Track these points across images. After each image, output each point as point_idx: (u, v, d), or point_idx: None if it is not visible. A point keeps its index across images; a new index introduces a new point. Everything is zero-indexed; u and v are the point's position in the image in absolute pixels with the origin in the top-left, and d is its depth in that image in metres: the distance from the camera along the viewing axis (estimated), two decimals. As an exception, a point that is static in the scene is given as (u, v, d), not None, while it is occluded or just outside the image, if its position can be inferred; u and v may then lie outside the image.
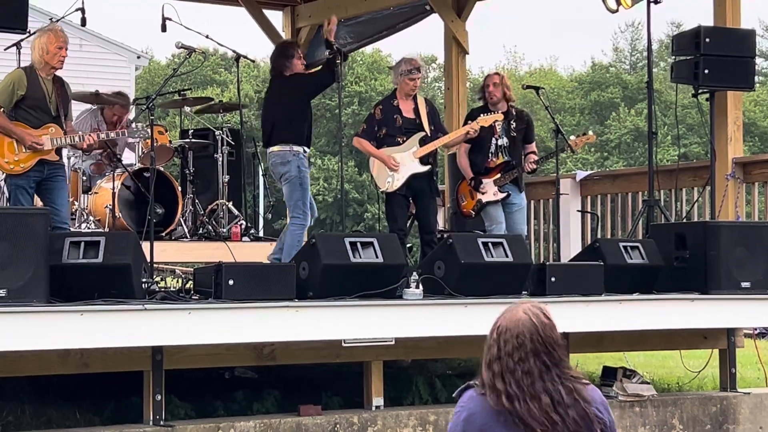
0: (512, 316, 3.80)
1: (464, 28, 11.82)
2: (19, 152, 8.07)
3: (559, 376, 3.74)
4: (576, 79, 53.14)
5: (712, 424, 8.13)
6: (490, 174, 9.29)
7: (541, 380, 3.72)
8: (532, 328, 3.76)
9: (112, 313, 6.25)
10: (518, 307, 3.83)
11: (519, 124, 9.42)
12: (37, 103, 8.15)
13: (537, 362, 3.73)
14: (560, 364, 3.76)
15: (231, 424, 6.77)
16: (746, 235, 8.14)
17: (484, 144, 9.30)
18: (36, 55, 8.13)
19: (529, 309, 3.81)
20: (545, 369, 3.73)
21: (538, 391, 3.71)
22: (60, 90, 8.26)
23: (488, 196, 9.26)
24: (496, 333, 3.80)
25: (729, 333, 8.46)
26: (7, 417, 6.79)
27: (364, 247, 7.13)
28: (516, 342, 3.75)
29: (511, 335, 3.76)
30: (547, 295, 7.51)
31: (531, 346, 3.74)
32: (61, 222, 8.34)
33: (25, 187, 8.12)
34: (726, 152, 9.33)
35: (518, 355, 3.74)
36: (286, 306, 6.72)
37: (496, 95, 9.33)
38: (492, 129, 9.30)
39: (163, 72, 43.64)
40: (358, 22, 12.73)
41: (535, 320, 3.77)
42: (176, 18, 9.85)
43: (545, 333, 3.76)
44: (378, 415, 7.17)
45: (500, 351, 3.76)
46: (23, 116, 8.12)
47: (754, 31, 9.51)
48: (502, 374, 3.73)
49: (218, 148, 10.45)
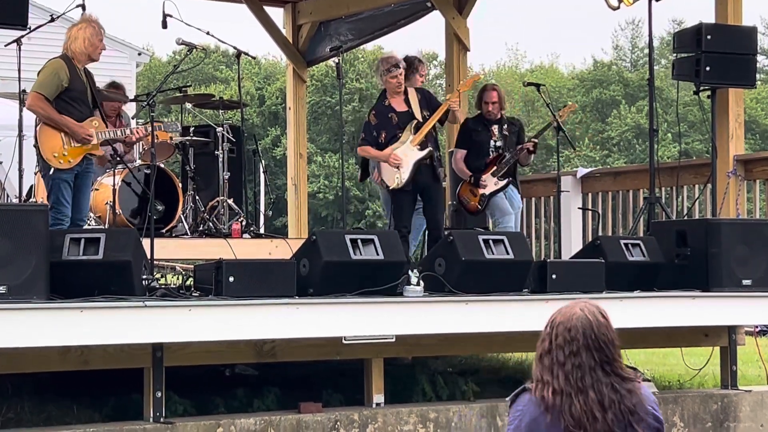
0: (568, 312, 3.78)
1: (465, 25, 11.80)
2: (68, 146, 8.04)
3: (610, 374, 3.73)
4: (577, 76, 53.14)
5: (713, 422, 8.12)
6: (486, 169, 9.55)
7: (590, 376, 3.71)
8: (586, 323, 3.74)
9: (113, 309, 6.24)
10: (575, 304, 3.82)
11: (512, 128, 9.87)
12: (79, 95, 8.10)
13: (588, 358, 3.71)
14: (613, 362, 3.75)
15: (231, 422, 6.77)
16: (747, 233, 8.13)
17: (482, 147, 9.70)
18: (79, 46, 8.08)
19: (585, 306, 3.80)
20: (596, 365, 3.71)
21: (586, 386, 3.69)
22: (92, 82, 8.25)
23: (490, 188, 9.61)
24: (550, 327, 3.78)
25: (730, 330, 8.45)
26: (6, 413, 6.79)
27: (364, 244, 7.12)
28: (568, 336, 3.73)
29: (564, 328, 3.74)
30: (547, 293, 7.51)
31: (583, 341, 3.72)
32: (82, 218, 8.29)
33: (69, 181, 8.05)
34: (727, 149, 9.32)
35: (569, 349, 3.72)
36: (286, 303, 6.72)
37: (495, 113, 9.66)
38: (489, 132, 9.73)
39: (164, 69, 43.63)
40: (359, 19, 12.72)
41: (590, 317, 3.76)
42: (177, 15, 9.83)
43: (599, 330, 3.75)
44: (379, 412, 7.16)
45: (551, 344, 3.75)
46: (66, 108, 8.03)
47: (755, 28, 9.50)
48: (551, 368, 3.72)
49: (219, 145, 10.43)
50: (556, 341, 3.75)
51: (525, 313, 7.39)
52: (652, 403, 3.79)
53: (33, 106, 7.98)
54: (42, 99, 7.95)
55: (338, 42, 12.23)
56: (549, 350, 3.75)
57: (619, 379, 3.74)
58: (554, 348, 3.74)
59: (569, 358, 3.72)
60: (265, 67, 49.13)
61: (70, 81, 8.03)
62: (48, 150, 7.96)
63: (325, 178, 42.17)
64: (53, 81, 7.98)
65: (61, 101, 8.03)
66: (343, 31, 12.81)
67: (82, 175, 8.17)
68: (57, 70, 8.00)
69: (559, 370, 3.71)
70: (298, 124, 13.31)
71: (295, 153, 13.27)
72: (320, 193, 42.28)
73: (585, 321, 3.75)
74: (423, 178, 8.93)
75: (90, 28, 8.16)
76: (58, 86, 7.99)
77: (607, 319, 3.79)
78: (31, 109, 8.02)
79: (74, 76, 8.07)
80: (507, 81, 54.18)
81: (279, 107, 43.22)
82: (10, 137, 9.02)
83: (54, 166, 7.96)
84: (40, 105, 7.95)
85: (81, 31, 8.11)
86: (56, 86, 7.99)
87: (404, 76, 9.16)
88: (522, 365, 9.38)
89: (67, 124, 7.98)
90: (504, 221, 9.58)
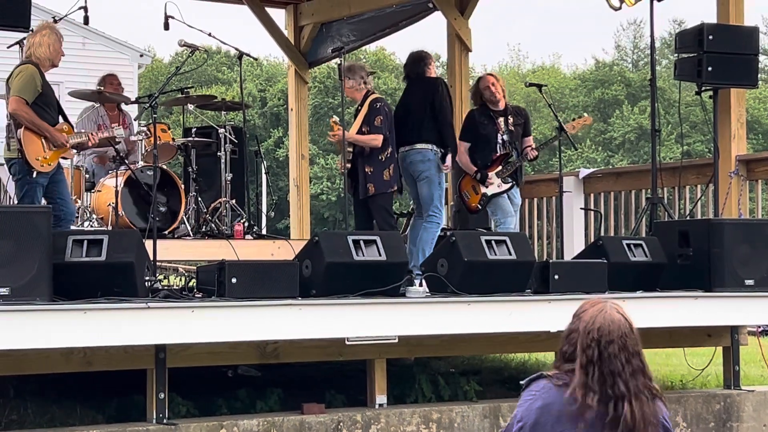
0: (611, 317, 3.76)
1: (467, 26, 11.81)
2: (47, 150, 8.11)
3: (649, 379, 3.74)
4: (579, 76, 53.15)
5: (715, 422, 8.12)
6: (492, 166, 9.47)
7: (642, 379, 3.71)
8: (629, 327, 3.76)
9: (116, 311, 6.25)
10: (606, 305, 3.79)
11: (517, 119, 9.69)
12: (50, 101, 8.21)
13: (638, 363, 3.72)
14: (645, 368, 3.76)
15: (234, 423, 6.77)
16: (750, 233, 8.13)
17: (489, 140, 9.53)
18: (44, 52, 8.16)
19: (618, 308, 3.80)
20: (641, 371, 3.73)
21: (639, 392, 3.70)
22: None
23: (493, 188, 9.48)
24: (596, 333, 3.74)
25: (733, 331, 8.45)
26: (10, 415, 6.80)
27: (367, 245, 7.12)
28: (621, 342, 3.73)
29: (617, 336, 3.73)
30: (550, 293, 7.51)
31: (633, 347, 3.74)
32: (70, 214, 8.38)
33: (43, 184, 8.16)
34: (729, 150, 9.32)
35: (624, 356, 3.72)
36: (289, 304, 6.72)
37: (499, 93, 9.51)
38: (496, 125, 9.55)
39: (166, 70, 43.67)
40: (361, 20, 12.73)
41: (629, 320, 3.77)
42: (179, 16, 9.85)
43: (635, 334, 3.76)
44: (381, 413, 7.16)
45: (602, 352, 3.72)
46: (40, 114, 8.11)
47: (757, 29, 9.49)
48: (602, 377, 3.70)
49: (221, 146, 10.44)
50: (608, 349, 3.71)
51: (527, 313, 7.39)
52: (665, 416, 3.81)
53: (18, 110, 8.02)
54: (25, 104, 8.02)
55: (340, 43, 12.24)
56: (599, 358, 3.72)
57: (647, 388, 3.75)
58: (607, 356, 3.71)
59: (627, 365, 3.72)
60: (267, 68, 49.15)
61: (42, 86, 8.10)
62: (32, 154, 8.04)
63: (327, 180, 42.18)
64: (32, 86, 8.06)
65: (36, 106, 8.11)
66: (345, 32, 12.82)
67: (56, 175, 8.31)
68: (33, 76, 8.07)
69: (616, 379, 3.70)
70: (300, 126, 13.33)
71: (297, 154, 13.29)
72: (322, 195, 42.30)
73: (627, 328, 3.76)
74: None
75: (53, 35, 8.27)
76: (35, 91, 8.06)
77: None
78: (16, 114, 8.04)
79: (45, 82, 8.17)
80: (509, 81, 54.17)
81: (281, 108, 43.25)
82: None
83: (37, 169, 8.05)
84: (24, 110, 8.02)
85: (45, 38, 8.22)
86: (34, 91, 8.06)
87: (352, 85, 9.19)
88: (524, 365, 9.39)
89: (48, 128, 8.08)
90: (506, 222, 9.53)
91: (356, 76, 9.22)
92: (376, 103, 9.16)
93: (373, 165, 9.05)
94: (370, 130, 9.07)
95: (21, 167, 8.11)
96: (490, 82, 9.64)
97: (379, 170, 9.04)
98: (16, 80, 8.08)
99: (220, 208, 10.32)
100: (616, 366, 3.71)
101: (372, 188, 9.02)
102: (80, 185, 9.66)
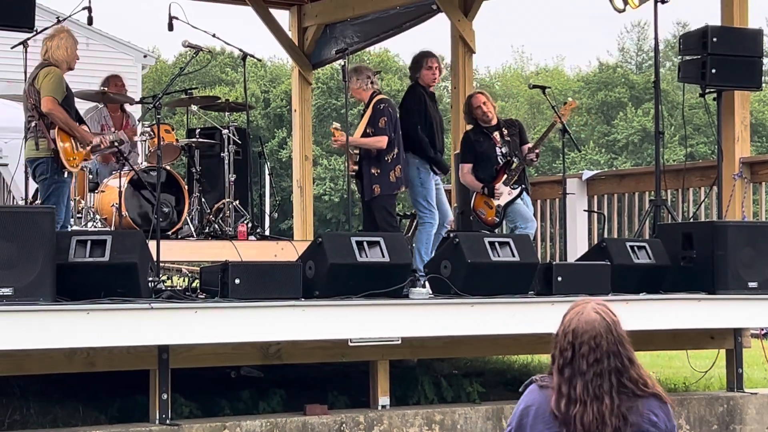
0: (586, 318, 3.76)
1: (471, 28, 11.80)
2: (76, 150, 8.16)
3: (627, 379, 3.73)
4: (583, 78, 53.15)
5: (718, 425, 8.11)
6: (497, 178, 9.45)
7: (609, 382, 3.70)
8: (606, 327, 3.75)
9: (119, 311, 6.25)
10: (586, 306, 3.79)
11: (512, 130, 9.75)
12: (71, 103, 8.32)
13: (609, 363, 3.72)
14: (633, 365, 3.76)
15: (237, 424, 6.77)
16: (753, 235, 8.12)
17: (489, 156, 9.58)
18: (62, 54, 8.26)
19: (598, 308, 3.79)
20: (617, 371, 3.72)
21: (603, 393, 3.69)
22: None
23: (504, 198, 9.48)
24: (571, 336, 3.75)
25: (736, 333, 8.44)
26: (13, 415, 6.80)
27: (370, 246, 7.12)
28: (593, 343, 3.73)
29: (588, 337, 3.73)
30: (553, 295, 7.51)
31: (606, 346, 3.73)
32: (67, 222, 8.42)
33: (70, 184, 8.26)
34: (733, 152, 9.31)
35: (593, 357, 3.72)
36: (292, 305, 6.72)
37: (491, 111, 9.60)
38: (492, 140, 9.62)
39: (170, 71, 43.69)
40: (364, 22, 12.73)
41: (607, 319, 3.76)
42: (183, 17, 9.85)
43: (617, 331, 3.77)
44: (384, 414, 7.16)
45: (575, 354, 3.73)
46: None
47: (761, 31, 9.48)
48: (570, 378, 3.71)
49: (225, 147, 10.44)
50: (580, 351, 3.72)
51: (531, 315, 7.39)
52: (656, 411, 3.79)
53: (54, 110, 8.09)
54: (58, 104, 8.08)
55: (344, 44, 12.25)
56: (571, 361, 3.73)
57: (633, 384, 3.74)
58: (578, 358, 3.72)
59: (592, 367, 3.71)
60: (271, 69, 49.18)
61: (66, 88, 8.17)
62: (65, 154, 8.08)
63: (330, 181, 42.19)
64: (61, 87, 8.14)
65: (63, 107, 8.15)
66: (349, 34, 12.82)
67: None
68: (61, 77, 8.17)
69: (578, 380, 3.71)
70: (303, 127, 13.33)
71: (301, 155, 13.29)
72: (326, 196, 42.31)
73: (605, 325, 3.75)
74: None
75: (71, 38, 8.39)
76: (63, 93, 8.11)
77: (616, 315, 3.80)
78: (51, 114, 8.12)
79: (67, 84, 8.20)
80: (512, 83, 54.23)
81: (284, 110, 43.27)
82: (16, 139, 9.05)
83: (69, 169, 8.11)
84: (58, 109, 8.11)
85: (63, 41, 8.32)
86: (62, 92, 8.12)
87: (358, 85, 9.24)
88: (527, 367, 9.38)
89: (78, 129, 8.15)
90: (528, 228, 9.48)
91: (362, 76, 9.23)
92: (380, 104, 9.16)
93: (380, 167, 9.05)
94: (375, 131, 9.07)
95: (50, 166, 8.17)
96: (481, 101, 9.68)
97: (386, 171, 9.05)
98: (46, 80, 8.15)
99: (223, 208, 10.31)
100: (581, 367, 3.72)
101: (377, 189, 9.03)
102: (84, 186, 9.66)
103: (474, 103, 9.71)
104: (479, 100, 9.70)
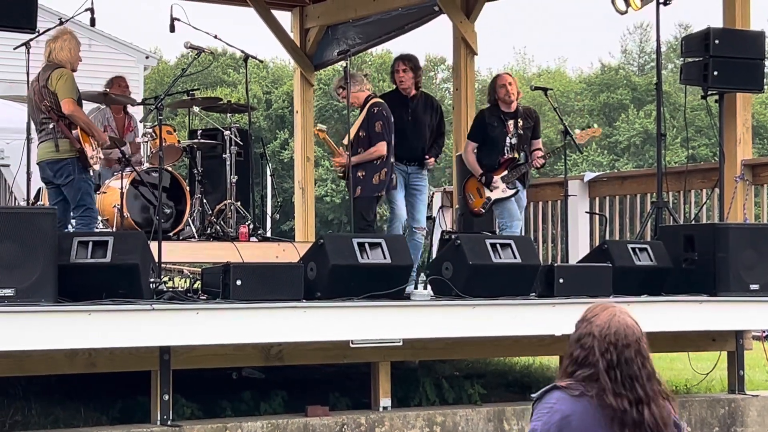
0: (625, 322, 3.75)
1: (473, 29, 11.79)
2: (94, 150, 8.24)
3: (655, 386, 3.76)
4: (585, 80, 53.14)
5: (720, 427, 8.11)
6: (498, 170, 9.43)
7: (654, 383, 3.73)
8: (641, 335, 3.76)
9: (120, 312, 6.25)
10: (615, 309, 3.78)
11: (527, 122, 9.65)
12: (81, 105, 8.34)
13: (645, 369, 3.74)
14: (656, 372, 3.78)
15: (238, 425, 6.77)
16: (755, 238, 8.12)
17: (497, 143, 9.50)
18: (66, 56, 8.33)
19: (628, 314, 3.79)
20: (648, 376, 3.74)
21: (655, 394, 3.73)
22: None
23: (497, 193, 9.44)
24: (613, 338, 3.72)
25: (737, 335, 8.44)
26: (14, 416, 6.80)
27: (372, 248, 7.12)
28: (639, 346, 3.73)
29: (633, 340, 3.72)
30: (555, 297, 7.51)
31: (647, 350, 3.75)
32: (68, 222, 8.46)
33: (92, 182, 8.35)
34: (735, 154, 9.31)
35: (641, 359, 3.72)
36: (293, 306, 6.72)
37: (513, 94, 9.51)
38: (505, 128, 9.54)
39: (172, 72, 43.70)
40: (366, 23, 12.72)
41: (639, 326, 3.77)
42: (185, 18, 9.85)
43: (645, 339, 3.77)
44: (385, 415, 7.16)
45: (620, 357, 3.70)
46: None
47: (763, 33, 9.48)
48: (623, 381, 3.69)
49: (226, 149, 10.45)
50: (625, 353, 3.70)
51: (532, 317, 7.39)
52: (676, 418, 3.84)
53: (75, 111, 8.18)
54: (77, 105, 8.16)
55: (346, 46, 12.25)
56: (618, 363, 3.70)
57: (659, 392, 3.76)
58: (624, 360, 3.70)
59: (643, 369, 3.73)
60: (273, 70, 49.18)
61: (78, 90, 8.24)
62: (89, 152, 8.16)
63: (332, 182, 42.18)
64: (76, 88, 8.27)
65: None
66: (351, 35, 12.81)
67: None
68: (74, 78, 8.26)
69: (634, 383, 3.70)
70: (305, 128, 13.33)
71: (303, 156, 13.29)
72: (327, 197, 42.32)
73: (640, 330, 3.76)
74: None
75: (74, 40, 8.44)
76: (78, 93, 8.21)
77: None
78: (73, 115, 8.19)
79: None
80: (514, 85, 54.04)
81: (286, 111, 43.28)
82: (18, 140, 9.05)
83: (93, 167, 8.21)
84: (79, 110, 8.25)
85: (66, 42, 8.38)
86: (78, 93, 8.22)
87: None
88: (529, 369, 9.38)
89: (96, 128, 8.25)
90: (513, 226, 9.49)
91: (356, 81, 9.27)
92: (375, 107, 9.18)
93: (365, 169, 9.09)
94: (369, 135, 9.10)
95: (75, 166, 8.25)
96: (507, 81, 9.63)
97: (371, 174, 9.10)
98: (61, 82, 8.19)
99: (225, 210, 10.32)
100: (633, 370, 3.71)
101: (359, 191, 9.08)
102: (86, 186, 9.67)
103: (499, 81, 9.67)
104: (505, 79, 9.66)
